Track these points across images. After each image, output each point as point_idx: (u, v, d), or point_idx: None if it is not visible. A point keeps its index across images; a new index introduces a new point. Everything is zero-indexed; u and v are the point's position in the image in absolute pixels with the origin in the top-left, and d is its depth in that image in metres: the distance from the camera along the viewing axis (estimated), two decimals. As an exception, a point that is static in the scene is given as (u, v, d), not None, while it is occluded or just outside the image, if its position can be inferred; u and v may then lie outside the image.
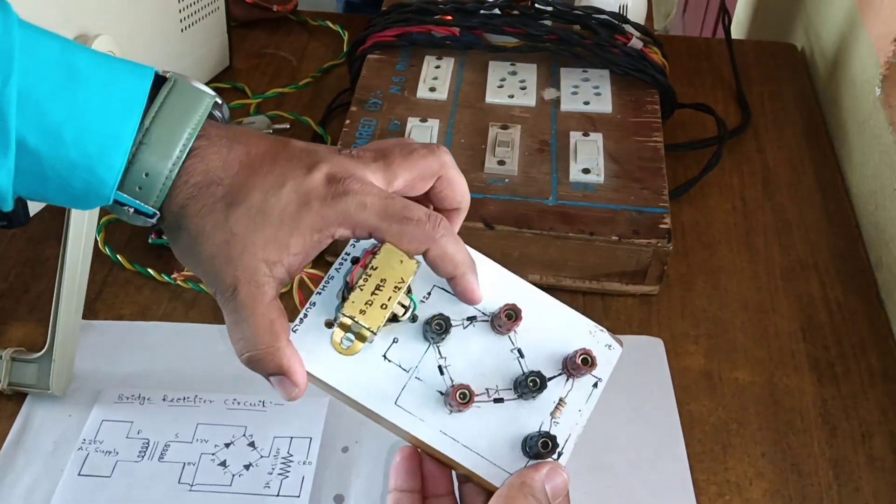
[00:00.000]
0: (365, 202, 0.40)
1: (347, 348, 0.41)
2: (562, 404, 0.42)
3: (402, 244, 0.40)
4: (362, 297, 0.40)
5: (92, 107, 0.39)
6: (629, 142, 0.72)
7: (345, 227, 0.40)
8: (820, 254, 0.72)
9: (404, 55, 0.81)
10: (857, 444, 0.59)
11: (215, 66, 0.87)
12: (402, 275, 0.40)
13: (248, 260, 0.39)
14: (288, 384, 0.40)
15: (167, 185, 0.40)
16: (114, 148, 0.39)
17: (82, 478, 0.56)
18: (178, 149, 0.39)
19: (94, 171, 0.39)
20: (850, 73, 0.82)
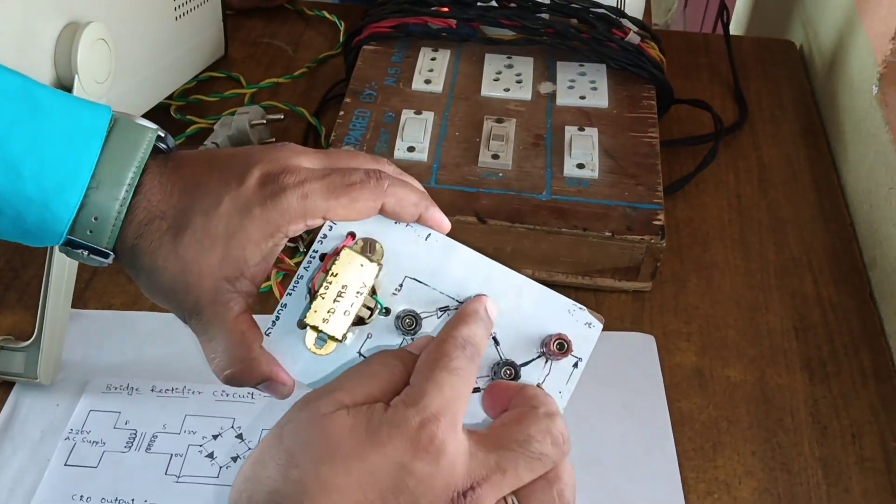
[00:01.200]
0: (306, 191, 0.39)
1: (321, 348, 0.41)
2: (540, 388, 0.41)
3: (357, 211, 0.40)
4: (324, 304, 0.39)
5: (52, 141, 0.39)
6: (625, 137, 0.71)
7: (294, 222, 0.39)
8: (814, 252, 0.72)
9: (400, 46, 0.80)
10: (847, 444, 0.58)
11: (210, 56, 0.86)
12: (364, 279, 0.40)
13: (208, 283, 0.39)
14: (276, 387, 0.41)
15: (117, 226, 0.40)
16: (71, 184, 0.39)
17: (69, 468, 0.56)
18: (124, 189, 0.40)
19: (50, 206, 0.39)
20: (848, 72, 0.82)
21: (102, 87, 0.61)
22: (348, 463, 0.35)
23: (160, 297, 0.41)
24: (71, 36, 0.58)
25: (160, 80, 0.76)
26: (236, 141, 0.78)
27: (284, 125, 0.81)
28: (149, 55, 0.73)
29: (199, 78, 0.85)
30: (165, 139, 0.42)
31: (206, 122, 0.80)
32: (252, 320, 0.41)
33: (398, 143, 0.70)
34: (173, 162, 0.41)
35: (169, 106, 0.82)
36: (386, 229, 0.42)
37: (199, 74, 0.85)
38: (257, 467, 0.36)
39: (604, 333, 0.64)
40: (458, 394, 0.37)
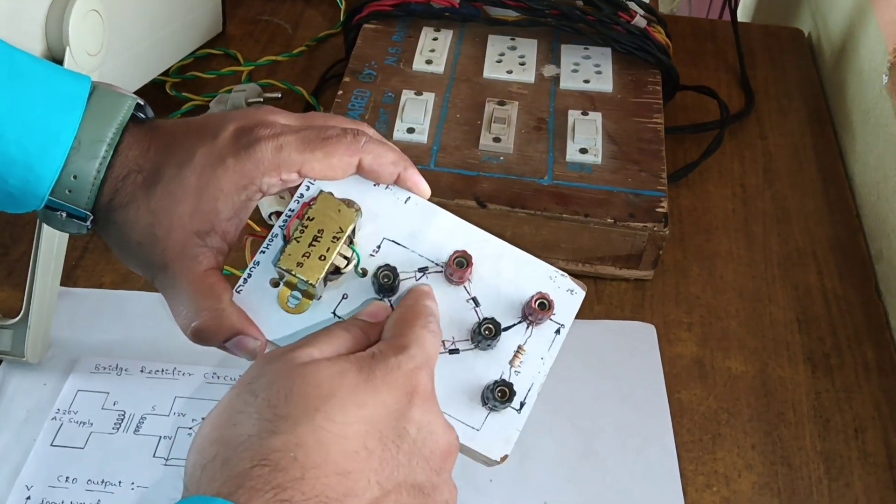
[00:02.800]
0: (280, 143, 0.39)
1: (295, 307, 0.39)
2: (521, 351, 0.40)
3: (333, 167, 0.39)
4: (299, 249, 0.38)
5: (34, 103, 0.39)
6: (629, 122, 0.70)
7: (269, 175, 0.39)
8: (819, 243, 0.70)
9: (402, 26, 0.78)
10: (849, 438, 0.57)
11: (207, 32, 0.85)
12: (341, 224, 0.38)
13: (177, 236, 0.39)
14: (246, 341, 0.39)
15: (96, 185, 0.39)
16: (53, 145, 0.39)
17: (55, 448, 0.55)
18: (104, 149, 0.39)
19: (33, 168, 0.39)
20: (857, 60, 0.80)
21: (94, 59, 0.59)
22: (346, 410, 0.33)
23: (129, 254, 0.40)
24: (63, 6, 0.56)
25: (155, 55, 0.75)
26: (232, 119, 0.76)
27: (282, 104, 0.79)
28: (143, 29, 0.71)
29: (195, 54, 0.83)
30: (144, 108, 0.42)
31: (202, 100, 0.78)
32: (221, 276, 0.40)
33: (398, 123, 0.69)
34: (152, 126, 0.41)
35: (164, 82, 0.80)
36: (365, 191, 0.41)
37: (196, 51, 0.83)
38: (226, 429, 0.33)
39: (603, 322, 0.63)
40: (435, 350, 0.37)
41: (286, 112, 0.41)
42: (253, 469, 0.31)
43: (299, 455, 0.32)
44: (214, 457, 0.33)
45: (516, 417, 0.39)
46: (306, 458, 0.32)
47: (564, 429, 0.57)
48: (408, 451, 0.34)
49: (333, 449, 0.32)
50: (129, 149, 0.40)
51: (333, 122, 0.41)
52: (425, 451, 0.34)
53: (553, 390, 0.59)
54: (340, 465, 0.32)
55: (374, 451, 0.33)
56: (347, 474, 0.32)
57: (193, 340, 0.39)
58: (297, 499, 0.31)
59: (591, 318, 0.64)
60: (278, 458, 0.32)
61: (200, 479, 0.33)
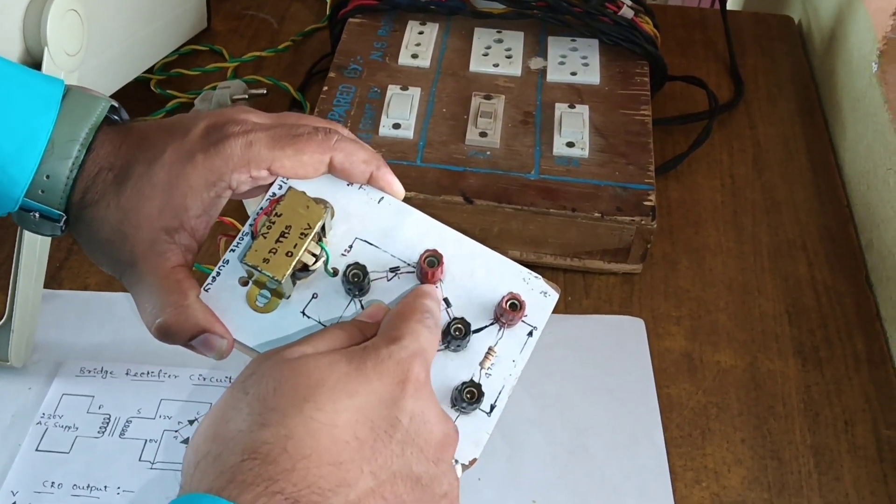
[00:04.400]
0: (250, 140, 0.38)
1: (263, 305, 0.39)
2: (491, 353, 0.39)
3: (304, 164, 0.39)
4: (265, 244, 0.37)
5: (8, 106, 0.39)
6: (616, 115, 0.69)
7: (238, 171, 0.38)
8: (809, 234, 0.70)
9: (387, 19, 0.78)
10: (839, 431, 0.57)
11: (192, 28, 0.84)
12: (309, 220, 0.38)
13: (145, 233, 0.38)
14: (212, 340, 0.38)
15: (69, 184, 0.39)
16: (28, 148, 0.38)
17: (40, 453, 0.55)
18: (76, 149, 0.39)
19: (7, 170, 0.38)
20: (847, 48, 0.79)
21: (74, 59, 0.58)
22: (335, 399, 0.33)
23: (98, 251, 0.40)
24: (40, 6, 0.55)
25: (138, 53, 0.74)
26: (217, 116, 0.76)
27: (268, 100, 0.79)
28: (125, 27, 0.70)
29: (180, 51, 0.83)
30: (119, 111, 0.42)
31: (187, 97, 0.78)
32: (189, 273, 0.39)
33: (383, 119, 0.68)
34: (125, 126, 0.41)
35: (149, 80, 0.79)
36: (338, 191, 0.41)
37: (181, 48, 0.83)
38: (219, 426, 0.33)
39: (591, 316, 0.63)
40: (431, 345, 0.37)
41: (259, 111, 0.41)
42: (243, 462, 0.31)
43: (289, 446, 0.32)
44: (207, 453, 0.33)
45: (486, 420, 0.39)
46: (296, 449, 0.32)
47: (554, 425, 0.57)
48: (401, 441, 0.33)
49: (324, 439, 0.32)
50: (100, 147, 0.40)
51: (305, 121, 0.41)
52: (419, 441, 0.34)
53: (542, 386, 0.59)
54: (332, 456, 0.32)
55: (365, 440, 0.33)
56: (339, 464, 0.32)
57: (158, 338, 0.39)
58: (289, 490, 0.31)
59: (580, 313, 0.63)
60: (268, 450, 0.32)
61: (194, 476, 0.33)
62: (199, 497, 0.31)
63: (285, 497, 0.31)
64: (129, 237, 0.38)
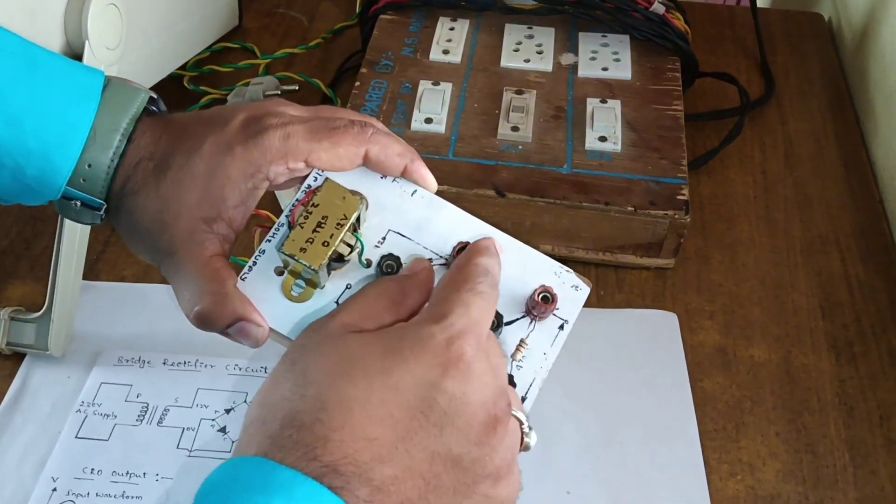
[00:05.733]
0: (288, 132, 0.39)
1: (299, 295, 0.39)
2: (523, 345, 0.40)
3: (340, 157, 0.39)
4: (303, 234, 0.38)
5: (52, 95, 0.39)
6: (648, 110, 0.69)
7: (276, 163, 0.39)
8: (842, 229, 0.69)
9: (418, 16, 0.78)
10: (874, 425, 0.57)
11: (224, 26, 0.85)
12: (345, 211, 0.38)
13: (184, 222, 0.39)
14: (249, 328, 0.38)
15: (110, 173, 0.40)
16: (70, 136, 0.39)
17: (79, 440, 0.55)
18: (117, 139, 0.40)
19: (50, 158, 0.39)
20: (879, 45, 0.79)
21: (113, 53, 0.59)
22: (369, 376, 0.33)
23: (138, 240, 0.41)
24: (81, 0, 0.56)
25: (173, 49, 0.75)
26: (250, 112, 0.76)
27: (299, 96, 0.80)
28: (161, 23, 0.71)
29: (212, 48, 0.84)
30: (157, 102, 0.42)
31: (220, 93, 0.79)
32: (226, 262, 0.40)
33: (415, 114, 0.69)
34: (165, 118, 0.42)
35: (182, 76, 0.80)
36: (372, 183, 0.41)
37: (213, 45, 0.83)
38: (269, 393, 0.35)
39: (625, 310, 0.63)
40: (484, 315, 0.36)
41: (295, 104, 0.42)
42: (283, 429, 0.33)
43: (323, 417, 0.32)
44: (255, 418, 0.34)
45: None
46: (330, 421, 0.32)
47: (587, 418, 0.57)
48: (437, 423, 0.33)
49: (357, 413, 0.33)
50: (141, 137, 0.41)
51: (341, 115, 0.41)
52: (459, 423, 0.33)
53: (575, 379, 0.59)
54: (366, 431, 0.32)
55: (400, 419, 0.33)
56: (373, 440, 0.32)
57: (196, 325, 0.39)
58: (326, 458, 0.32)
59: (613, 307, 0.63)
60: (304, 419, 0.33)
61: (243, 439, 0.34)
62: (247, 459, 0.32)
63: (323, 465, 0.32)
64: (168, 226, 0.39)
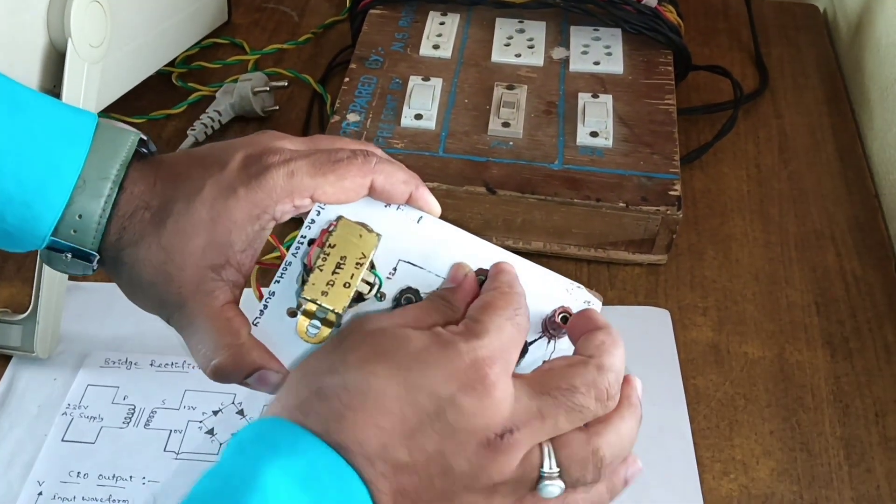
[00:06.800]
0: (291, 169, 0.38)
1: (314, 336, 0.38)
2: None
3: (346, 189, 0.39)
4: (323, 277, 0.37)
5: (35, 138, 0.38)
6: (640, 104, 0.69)
7: (282, 202, 0.38)
8: (837, 224, 0.69)
9: (408, 10, 0.77)
10: (869, 423, 0.56)
11: (213, 21, 0.84)
12: (363, 250, 0.38)
13: (191, 272, 0.38)
14: (268, 375, 0.38)
15: (102, 223, 0.38)
16: (55, 183, 0.38)
17: (66, 443, 0.55)
18: (108, 186, 0.38)
19: (31, 205, 0.38)
20: (874, 36, 0.78)
21: (97, 51, 0.59)
22: (391, 370, 0.34)
23: (141, 293, 0.40)
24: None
25: (160, 45, 0.74)
26: (239, 109, 0.76)
27: (289, 92, 0.79)
28: (148, 19, 0.70)
29: (201, 44, 0.83)
30: (147, 143, 0.41)
31: (209, 90, 0.78)
32: (239, 310, 0.39)
33: (405, 110, 0.68)
34: (156, 160, 0.41)
35: (170, 73, 0.80)
36: (376, 213, 0.40)
37: (202, 41, 0.83)
38: (312, 363, 0.36)
39: (617, 307, 0.62)
40: (515, 343, 0.36)
41: (291, 136, 0.41)
42: (308, 397, 0.34)
43: (343, 395, 0.34)
44: (291, 380, 0.36)
45: None
46: (349, 400, 0.34)
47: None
48: (440, 430, 0.33)
49: (371, 400, 0.33)
50: (134, 185, 0.39)
51: (340, 145, 0.40)
52: (460, 436, 0.34)
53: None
54: (377, 419, 0.33)
55: (408, 418, 0.33)
56: (382, 429, 0.33)
57: (214, 379, 0.38)
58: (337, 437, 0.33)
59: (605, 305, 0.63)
60: (327, 392, 0.34)
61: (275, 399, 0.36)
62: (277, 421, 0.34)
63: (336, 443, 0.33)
64: (174, 278, 0.38)
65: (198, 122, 0.74)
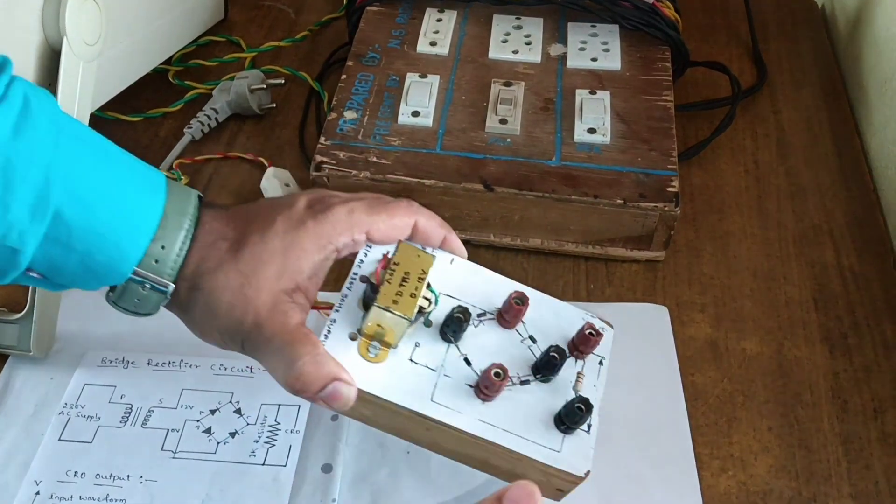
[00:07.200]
0: (352, 208, 0.44)
1: (375, 356, 0.44)
2: (581, 376, 0.46)
3: (396, 227, 0.45)
4: (391, 289, 0.43)
5: (124, 184, 0.43)
6: (638, 100, 0.68)
7: (344, 235, 0.44)
8: (835, 220, 0.69)
9: (405, 7, 0.77)
10: (868, 419, 0.56)
11: (209, 19, 0.84)
12: (423, 266, 0.44)
13: (266, 295, 0.42)
14: (341, 388, 0.42)
15: (181, 253, 0.43)
16: (143, 223, 0.42)
17: (63, 443, 0.55)
18: (188, 221, 0.43)
19: (120, 244, 0.42)
20: (872, 30, 0.78)
21: (93, 49, 0.58)
22: None
23: (214, 320, 0.43)
24: (58, -5, 0.55)
25: (156, 43, 0.74)
26: (235, 107, 0.75)
27: (286, 90, 0.79)
28: (143, 17, 0.70)
29: (197, 42, 0.82)
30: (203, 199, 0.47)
31: (205, 88, 0.78)
32: (310, 330, 0.43)
33: (402, 107, 0.68)
34: (221, 206, 0.46)
35: (167, 71, 0.79)
36: None
37: (198, 38, 0.82)
38: None
39: (615, 304, 0.62)
40: None
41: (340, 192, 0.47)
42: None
43: None
44: None
45: (587, 437, 0.45)
46: None
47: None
48: None
49: None
50: (209, 221, 0.44)
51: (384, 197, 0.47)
52: None
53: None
54: None
55: None
56: None
57: (294, 390, 0.42)
58: None
59: (603, 301, 0.63)
60: None
61: None
62: None
63: None
64: (251, 300, 0.42)
65: (194, 120, 0.74)
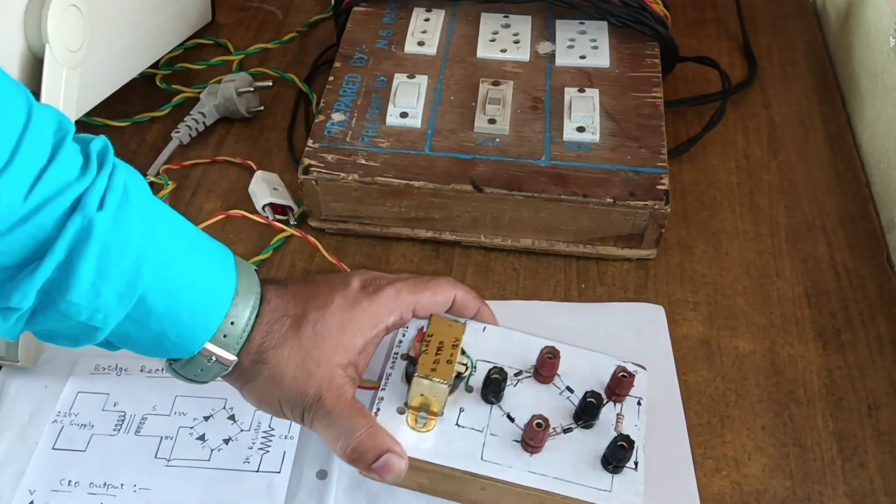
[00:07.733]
0: (399, 288, 0.48)
1: (424, 426, 0.47)
2: (620, 417, 0.48)
3: (438, 302, 0.49)
4: (429, 359, 0.46)
5: (205, 267, 0.45)
6: (627, 98, 0.68)
7: (393, 313, 0.48)
8: (828, 215, 0.68)
9: (392, 7, 0.77)
10: (863, 416, 0.56)
11: (197, 21, 0.83)
12: (455, 334, 0.47)
13: (325, 369, 0.45)
14: (393, 460, 0.45)
15: (248, 328, 0.45)
16: (217, 307, 0.45)
17: (57, 451, 0.54)
18: (254, 298, 0.46)
19: (194, 328, 0.44)
20: (864, 23, 0.78)
21: (76, 56, 0.58)
22: None
23: (278, 390, 0.46)
24: (41, 2, 0.55)
25: (142, 47, 0.73)
26: (223, 110, 0.75)
27: (274, 92, 0.79)
28: (128, 22, 0.70)
29: (185, 45, 0.82)
30: None
31: (193, 91, 0.77)
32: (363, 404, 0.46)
33: (390, 108, 0.67)
34: (281, 283, 0.48)
35: (154, 75, 0.79)
36: None
37: (185, 41, 0.82)
38: None
39: (610, 304, 0.62)
40: None
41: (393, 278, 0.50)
42: None
43: None
44: None
45: (635, 474, 0.47)
46: None
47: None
48: None
49: None
50: (274, 299, 0.47)
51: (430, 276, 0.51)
52: None
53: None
54: None
55: None
56: None
57: (350, 460, 0.45)
58: None
59: (594, 301, 0.63)
60: None
61: None
62: None
63: None
64: (313, 373, 0.45)
65: (182, 124, 0.73)
